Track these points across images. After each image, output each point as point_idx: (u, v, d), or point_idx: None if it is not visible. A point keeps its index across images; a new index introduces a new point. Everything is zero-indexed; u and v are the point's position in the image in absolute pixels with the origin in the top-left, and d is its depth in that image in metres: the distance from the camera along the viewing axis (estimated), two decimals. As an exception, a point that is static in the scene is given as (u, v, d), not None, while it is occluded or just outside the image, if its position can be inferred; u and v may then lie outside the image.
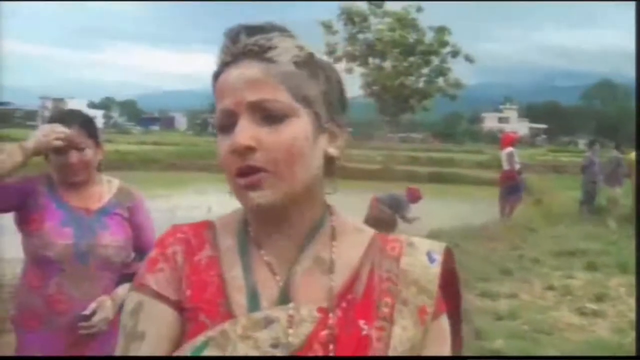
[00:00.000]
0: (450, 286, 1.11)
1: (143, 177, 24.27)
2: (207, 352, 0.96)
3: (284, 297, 1.00)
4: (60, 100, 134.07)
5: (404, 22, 28.99)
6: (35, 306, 2.52)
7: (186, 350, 0.97)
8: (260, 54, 0.99)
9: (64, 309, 2.49)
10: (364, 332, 0.99)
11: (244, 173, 0.97)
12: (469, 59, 29.64)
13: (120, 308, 2.51)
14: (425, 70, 29.85)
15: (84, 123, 2.56)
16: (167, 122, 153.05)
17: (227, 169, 0.99)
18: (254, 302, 1.00)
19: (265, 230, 1.06)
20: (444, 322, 1.08)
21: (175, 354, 0.99)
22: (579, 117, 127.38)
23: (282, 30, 1.03)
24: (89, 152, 2.56)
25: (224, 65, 1.01)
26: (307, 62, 1.02)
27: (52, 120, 2.55)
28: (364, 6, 29.33)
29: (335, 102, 1.06)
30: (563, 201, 15.91)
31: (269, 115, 0.97)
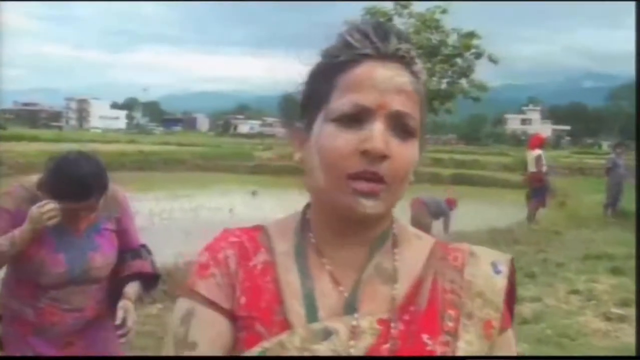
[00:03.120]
0: (511, 299, 1.05)
1: (166, 177, 24.48)
2: None
3: (350, 308, 0.96)
4: (84, 100, 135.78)
5: (428, 24, 28.78)
6: (26, 314, 2.52)
7: None
8: (410, 64, 0.97)
9: (57, 321, 2.51)
10: (429, 348, 0.94)
11: (367, 178, 0.91)
12: (492, 59, 29.30)
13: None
14: (449, 72, 29.62)
15: (101, 189, 2.44)
16: (190, 123, 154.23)
17: (341, 166, 0.92)
18: (311, 310, 0.95)
19: (336, 240, 1.01)
20: (510, 336, 1.03)
21: None
22: (603, 119, 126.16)
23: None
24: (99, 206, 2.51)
25: (361, 57, 0.95)
26: (426, 87, 1.00)
27: (73, 188, 2.37)
28: (389, 6, 29.15)
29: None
30: (588, 204, 15.73)
31: (403, 129, 0.93)
